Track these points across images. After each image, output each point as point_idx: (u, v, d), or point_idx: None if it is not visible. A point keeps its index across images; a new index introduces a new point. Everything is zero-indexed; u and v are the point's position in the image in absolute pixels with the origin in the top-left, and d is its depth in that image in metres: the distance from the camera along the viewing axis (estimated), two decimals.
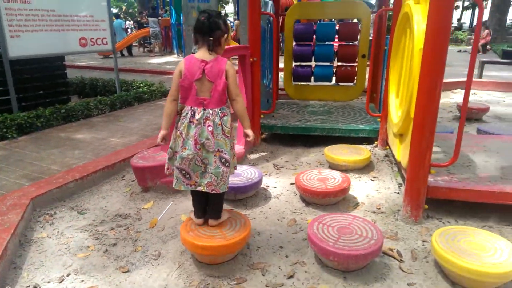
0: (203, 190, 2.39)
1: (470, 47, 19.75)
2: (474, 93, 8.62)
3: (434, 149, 3.84)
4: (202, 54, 2.35)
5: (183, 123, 2.34)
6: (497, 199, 2.89)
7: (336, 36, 5.96)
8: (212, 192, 2.37)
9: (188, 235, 2.45)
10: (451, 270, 2.25)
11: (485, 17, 23.12)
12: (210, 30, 2.30)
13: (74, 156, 4.32)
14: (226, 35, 2.37)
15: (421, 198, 2.89)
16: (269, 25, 4.97)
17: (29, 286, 2.34)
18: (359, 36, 5.75)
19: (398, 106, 3.68)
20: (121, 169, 3.99)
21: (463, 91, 8.80)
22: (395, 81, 3.89)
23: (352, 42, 6.09)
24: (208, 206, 2.57)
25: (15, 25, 5.38)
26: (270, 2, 5.59)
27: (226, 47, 4.07)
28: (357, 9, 5.58)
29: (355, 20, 6.38)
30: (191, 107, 2.33)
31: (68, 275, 2.45)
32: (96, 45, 6.90)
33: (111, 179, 3.85)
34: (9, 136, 4.95)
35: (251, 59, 4.31)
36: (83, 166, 3.80)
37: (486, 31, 19.03)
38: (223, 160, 2.35)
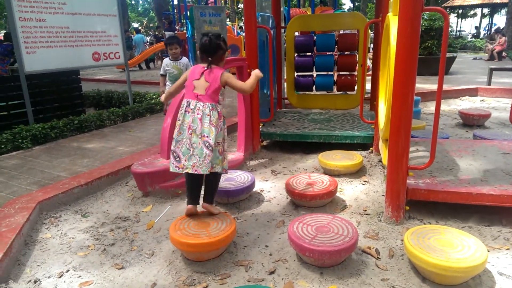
0: (189, 172, 2.76)
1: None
2: (482, 100, 8.65)
3: (425, 153, 3.97)
4: (204, 64, 2.93)
5: (181, 112, 2.84)
6: (475, 200, 2.98)
7: (336, 46, 6.13)
8: (195, 172, 2.74)
9: (176, 234, 2.65)
10: (419, 265, 2.38)
11: (502, 24, 22.94)
12: (212, 51, 2.89)
13: (82, 164, 4.58)
14: (226, 52, 2.99)
15: (401, 200, 3.02)
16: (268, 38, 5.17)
17: (30, 280, 2.56)
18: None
19: (385, 113, 3.82)
20: (125, 175, 4.22)
21: (471, 98, 8.85)
22: (383, 89, 4.04)
23: (351, 52, 6.26)
24: (204, 190, 2.99)
25: (31, 42, 5.72)
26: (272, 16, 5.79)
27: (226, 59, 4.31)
28: (355, 20, 5.75)
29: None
30: (188, 100, 2.84)
31: (67, 271, 2.67)
32: (109, 59, 7.24)
33: (115, 185, 4.09)
34: (24, 146, 5.24)
35: (248, 70, 4.51)
36: (88, 173, 4.04)
37: (503, 38, 18.92)
38: (206, 144, 2.74)
